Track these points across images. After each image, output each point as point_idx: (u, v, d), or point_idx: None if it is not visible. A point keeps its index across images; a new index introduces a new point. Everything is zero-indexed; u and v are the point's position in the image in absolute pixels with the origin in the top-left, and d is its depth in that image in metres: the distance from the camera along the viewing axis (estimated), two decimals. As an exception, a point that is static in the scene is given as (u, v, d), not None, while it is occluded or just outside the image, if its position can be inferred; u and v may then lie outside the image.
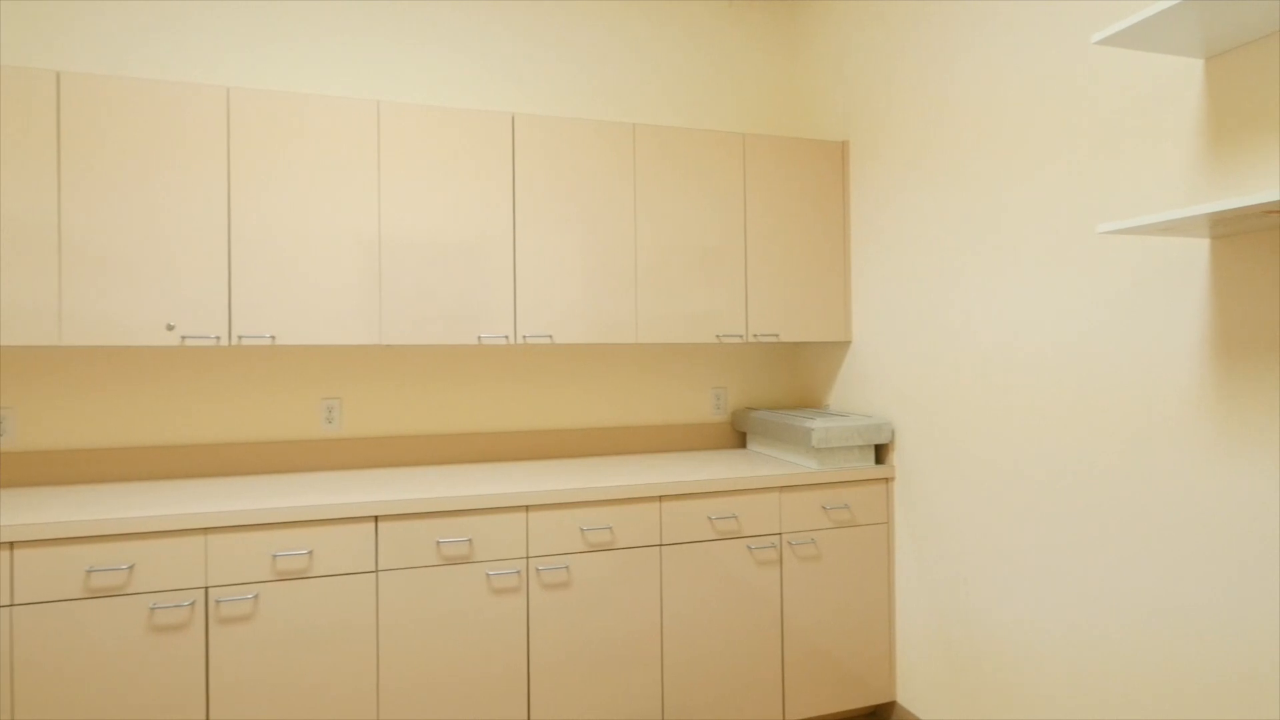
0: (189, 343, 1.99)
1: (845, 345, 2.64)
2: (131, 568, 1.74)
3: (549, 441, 2.65)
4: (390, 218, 2.16)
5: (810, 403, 2.89)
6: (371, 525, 1.91)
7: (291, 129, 2.08)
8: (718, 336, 2.46)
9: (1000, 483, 1.93)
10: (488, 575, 1.99)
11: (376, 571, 1.90)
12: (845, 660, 2.31)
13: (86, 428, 2.21)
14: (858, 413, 2.55)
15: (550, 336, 2.29)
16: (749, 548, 2.22)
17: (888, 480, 2.38)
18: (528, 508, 2.03)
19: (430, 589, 1.94)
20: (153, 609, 1.74)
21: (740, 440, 2.89)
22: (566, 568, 2.05)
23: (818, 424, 2.29)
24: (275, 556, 1.83)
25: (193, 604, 1.77)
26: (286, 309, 2.07)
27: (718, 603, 2.19)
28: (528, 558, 2.02)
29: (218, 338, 2.02)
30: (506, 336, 2.26)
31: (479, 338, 2.23)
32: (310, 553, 1.86)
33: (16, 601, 1.66)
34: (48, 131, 1.90)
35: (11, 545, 1.66)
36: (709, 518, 2.19)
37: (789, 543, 2.26)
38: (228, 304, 2.03)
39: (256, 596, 1.81)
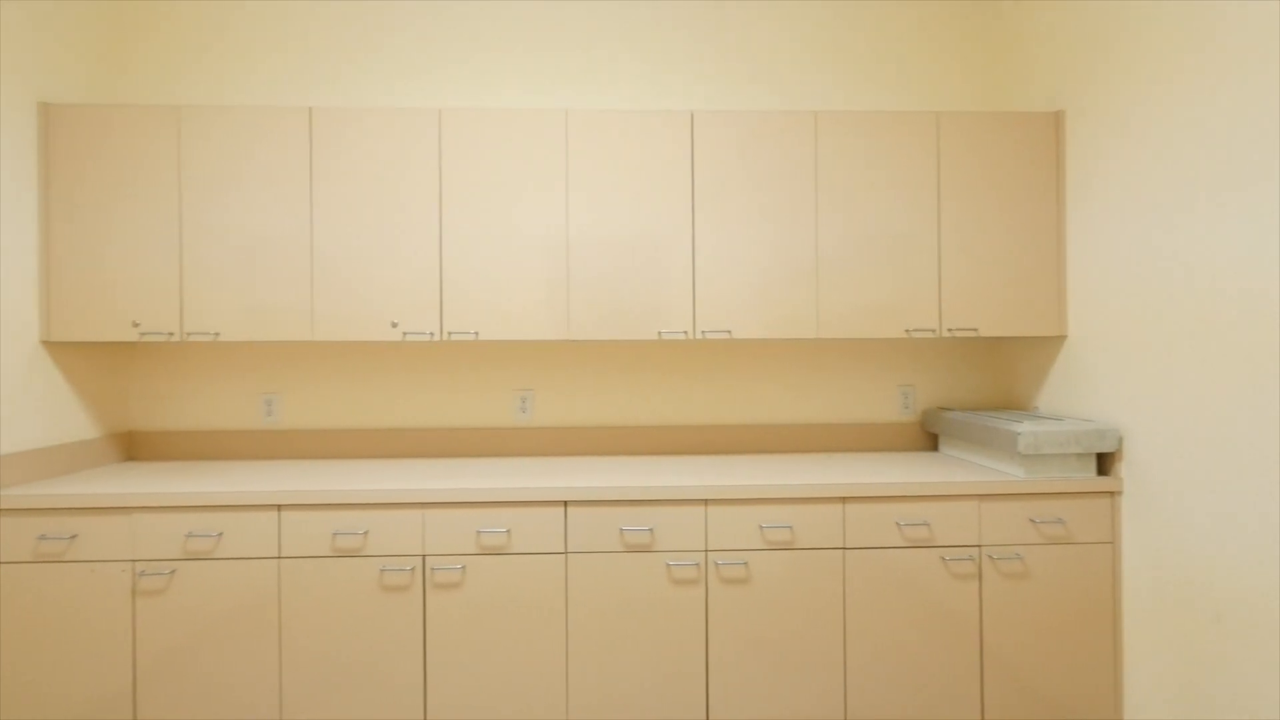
0: (409, 338, 2.24)
1: (1059, 340, 2.35)
2: (366, 534, 2.00)
3: (727, 436, 2.65)
4: (577, 219, 2.28)
5: (1013, 404, 2.61)
6: (561, 510, 2.03)
7: (492, 142, 2.27)
8: (906, 331, 2.31)
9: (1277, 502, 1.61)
10: (668, 565, 2.03)
11: (566, 554, 2.02)
12: (1059, 693, 2.06)
13: (330, 410, 2.59)
14: (1074, 416, 2.26)
15: (729, 331, 2.29)
16: (943, 558, 2.06)
17: (1113, 494, 2.08)
18: (706, 502, 2.04)
19: (614, 574, 2.03)
20: (382, 571, 1.99)
21: (931, 442, 2.68)
22: (745, 564, 2.04)
23: (1026, 427, 2.06)
24: (479, 533, 2.01)
25: (413, 570, 2.00)
26: (487, 307, 2.26)
27: (907, 613, 2.05)
28: (706, 551, 2.04)
29: (431, 334, 2.26)
30: (685, 332, 2.28)
31: (659, 333, 2.28)
32: (508, 531, 2.01)
33: (284, 555, 1.98)
34: (302, 160, 2.24)
35: (279, 508, 1.99)
36: (897, 523, 2.06)
37: (989, 556, 2.06)
38: (439, 303, 2.26)
39: (464, 568, 2.00)
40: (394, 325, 2.25)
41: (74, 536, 1.95)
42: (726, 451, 2.65)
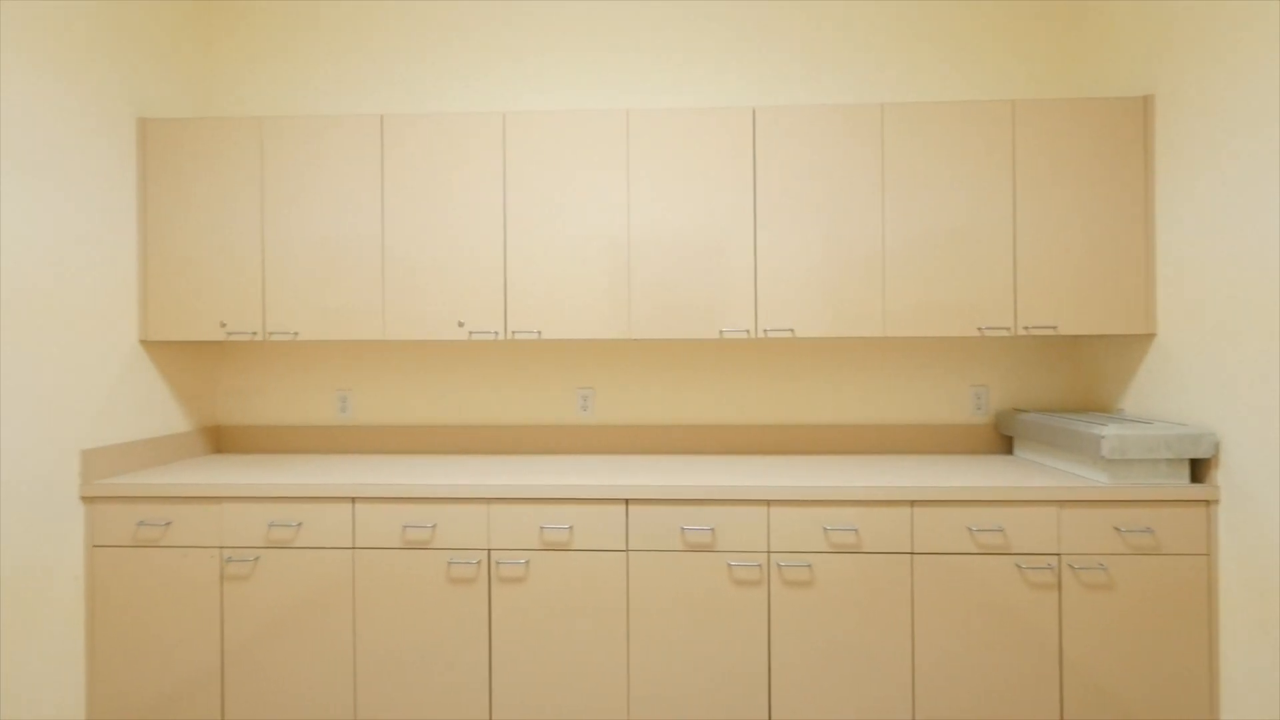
0: (475, 337, 2.30)
1: (1147, 339, 2.21)
2: (434, 527, 2.06)
3: (790, 437, 2.61)
4: (638, 218, 2.29)
5: (1095, 405, 2.48)
6: (623, 508, 2.04)
7: (554, 143, 2.30)
8: (979, 329, 2.22)
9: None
10: (729, 566, 2.01)
11: (627, 551, 2.03)
12: (1146, 710, 1.95)
13: (399, 407, 2.68)
14: (1165, 419, 2.12)
15: (791, 330, 2.25)
16: (1018, 566, 1.97)
17: (1208, 503, 1.95)
18: (769, 502, 2.02)
19: (675, 573, 2.02)
20: (450, 563, 2.05)
21: (1005, 445, 2.57)
22: (809, 566, 2.00)
23: (1110, 430, 1.95)
24: (542, 529, 2.04)
25: (478, 563, 2.05)
26: (550, 307, 2.30)
27: (979, 622, 1.98)
28: (769, 552, 2.01)
29: (496, 333, 2.31)
30: (747, 330, 2.26)
31: (720, 331, 2.27)
32: (570, 528, 2.04)
33: (357, 545, 2.07)
34: (373, 165, 2.32)
35: (353, 500, 2.07)
36: (969, 528, 1.98)
37: (1070, 566, 1.96)
38: (503, 303, 2.31)
39: (527, 562, 2.04)
40: (460, 325, 2.31)
41: (169, 523, 2.08)
42: (789, 452, 2.61)
